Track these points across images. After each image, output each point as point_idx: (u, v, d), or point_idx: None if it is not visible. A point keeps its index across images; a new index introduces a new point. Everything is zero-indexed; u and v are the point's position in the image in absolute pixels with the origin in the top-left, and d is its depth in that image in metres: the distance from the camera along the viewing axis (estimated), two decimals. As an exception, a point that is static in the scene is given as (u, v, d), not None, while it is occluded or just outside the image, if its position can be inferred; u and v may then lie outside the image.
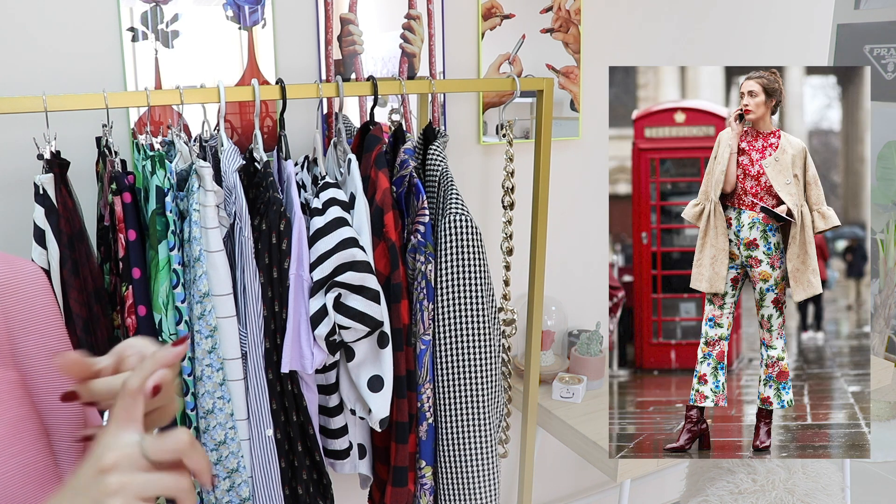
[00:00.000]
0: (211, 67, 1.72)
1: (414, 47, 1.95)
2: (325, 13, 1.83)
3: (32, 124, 1.59)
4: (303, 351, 1.52)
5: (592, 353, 2.18)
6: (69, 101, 1.36)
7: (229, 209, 1.47)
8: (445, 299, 1.62)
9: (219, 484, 1.49)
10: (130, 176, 1.41)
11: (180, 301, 1.43)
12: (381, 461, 1.74)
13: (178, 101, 1.43)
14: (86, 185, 1.66)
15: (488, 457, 1.68)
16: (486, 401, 1.67)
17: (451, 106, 2.06)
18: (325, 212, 1.51)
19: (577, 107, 2.25)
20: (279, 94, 1.51)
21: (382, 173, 1.58)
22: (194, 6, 1.68)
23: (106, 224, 1.48)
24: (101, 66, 1.63)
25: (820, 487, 2.01)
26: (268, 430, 1.52)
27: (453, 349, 1.64)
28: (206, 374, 1.44)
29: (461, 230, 1.59)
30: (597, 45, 2.25)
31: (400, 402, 1.64)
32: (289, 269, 1.50)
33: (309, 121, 1.87)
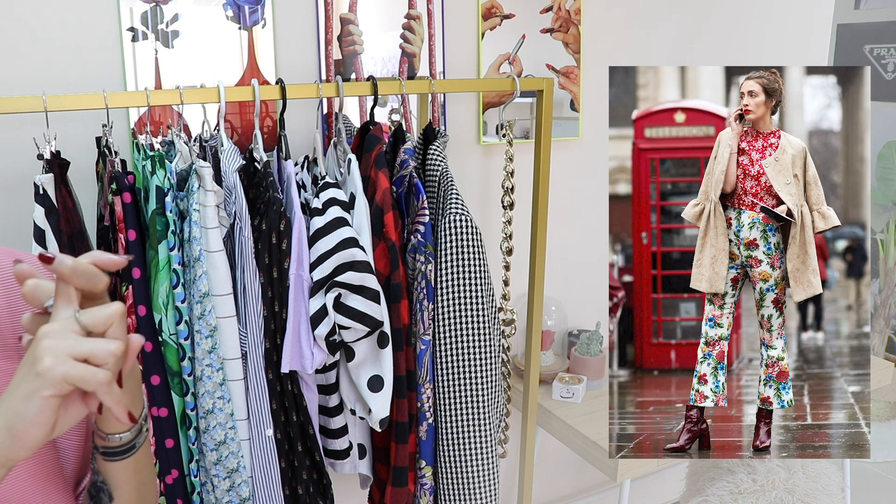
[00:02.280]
0: (211, 67, 1.72)
1: (414, 47, 1.95)
2: (325, 13, 1.83)
3: (32, 124, 1.59)
4: (303, 351, 1.52)
5: (592, 353, 2.18)
6: (69, 101, 1.36)
7: (229, 209, 1.47)
8: (445, 299, 1.62)
9: (219, 484, 1.49)
10: (130, 176, 1.41)
11: (180, 301, 1.43)
12: (381, 461, 1.74)
13: (178, 101, 1.43)
14: (86, 185, 1.66)
15: (488, 457, 1.68)
16: (486, 401, 1.67)
17: (451, 106, 2.06)
18: (325, 212, 1.51)
19: (577, 107, 2.25)
20: (279, 94, 1.51)
21: (382, 173, 1.58)
22: (194, 6, 1.68)
23: (106, 224, 1.48)
24: (101, 66, 1.63)
25: (820, 487, 2.01)
26: (268, 430, 1.52)
27: (453, 349, 1.64)
28: (206, 374, 1.44)
29: (461, 230, 1.59)
30: (597, 45, 2.25)
31: (400, 402, 1.64)
32: (289, 269, 1.50)
33: (309, 121, 1.87)
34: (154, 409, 1.45)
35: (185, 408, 1.47)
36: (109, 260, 0.66)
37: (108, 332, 0.64)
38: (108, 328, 0.64)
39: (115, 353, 0.62)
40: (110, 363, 0.62)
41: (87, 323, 0.63)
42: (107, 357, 0.62)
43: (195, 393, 1.46)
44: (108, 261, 0.66)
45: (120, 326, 0.64)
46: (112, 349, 0.62)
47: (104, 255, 0.66)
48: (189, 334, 1.45)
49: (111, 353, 0.62)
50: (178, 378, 1.46)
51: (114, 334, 0.64)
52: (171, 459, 1.48)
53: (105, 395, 0.62)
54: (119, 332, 0.64)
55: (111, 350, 0.62)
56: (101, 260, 0.66)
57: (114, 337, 0.64)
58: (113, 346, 0.62)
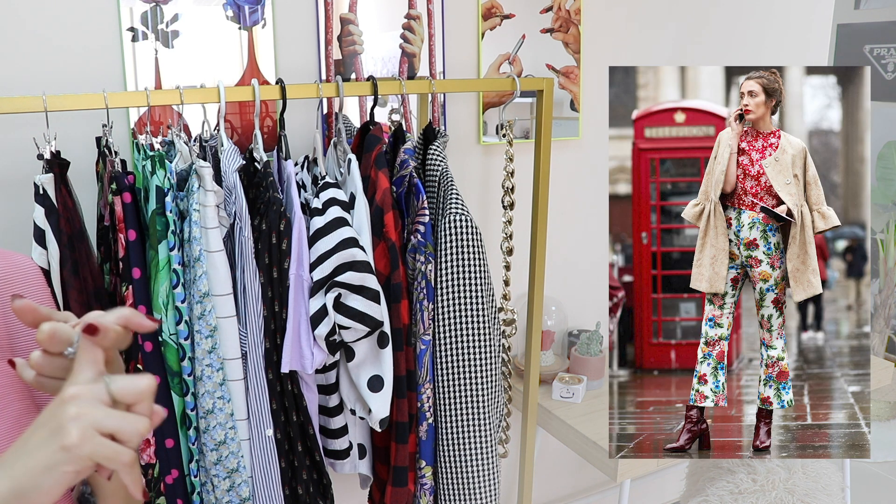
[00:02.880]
0: (211, 67, 1.72)
1: (414, 47, 1.95)
2: (325, 13, 1.83)
3: (32, 124, 1.59)
4: (303, 351, 1.52)
5: (592, 353, 2.18)
6: (69, 101, 1.36)
7: (229, 209, 1.47)
8: (445, 299, 1.62)
9: (219, 484, 1.49)
10: (130, 176, 1.41)
11: (180, 301, 1.43)
12: (381, 461, 1.74)
13: (178, 101, 1.43)
14: (86, 185, 1.66)
15: (488, 457, 1.68)
16: (486, 401, 1.67)
17: (451, 106, 2.06)
18: (325, 212, 1.51)
19: (577, 107, 2.25)
20: (279, 94, 1.51)
21: (382, 173, 1.58)
22: (194, 6, 1.68)
23: (106, 224, 1.48)
24: (101, 66, 1.63)
25: (820, 487, 2.01)
26: (268, 430, 1.52)
27: (453, 349, 1.64)
28: (206, 374, 1.44)
29: (461, 230, 1.59)
30: (597, 45, 2.25)
31: (400, 402, 1.64)
32: (289, 269, 1.50)
33: (309, 121, 1.87)
34: (154, 409, 1.45)
35: (185, 408, 1.47)
36: (140, 325, 0.63)
37: (136, 407, 0.60)
38: (138, 403, 0.61)
39: (143, 434, 0.59)
40: (135, 443, 0.59)
41: (118, 394, 0.59)
42: (133, 437, 0.58)
43: (195, 393, 1.46)
44: (139, 324, 0.63)
45: (149, 402, 0.61)
46: (140, 429, 0.59)
47: (137, 317, 0.63)
48: (189, 334, 1.45)
49: (139, 433, 0.59)
50: (178, 378, 1.46)
51: (141, 410, 0.61)
52: (171, 459, 1.48)
53: (126, 474, 0.59)
54: (147, 408, 0.61)
55: (139, 430, 0.59)
56: (134, 323, 0.63)
57: (141, 412, 0.61)
58: (142, 425, 0.59)
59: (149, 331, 0.63)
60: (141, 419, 0.59)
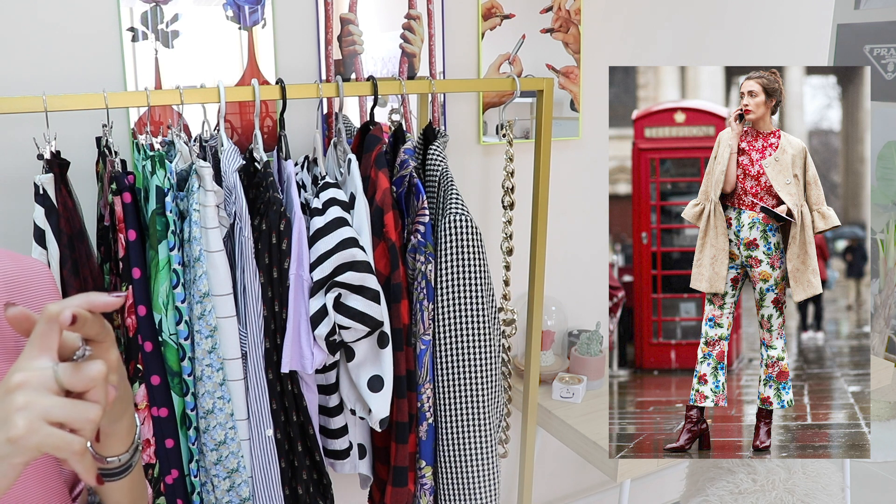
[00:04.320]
0: (211, 67, 1.72)
1: (414, 47, 1.95)
2: (325, 13, 1.83)
3: (32, 124, 1.59)
4: (303, 351, 1.52)
5: (592, 353, 2.18)
6: (69, 101, 1.36)
7: (229, 209, 1.47)
8: (445, 299, 1.62)
9: (219, 484, 1.49)
10: (130, 176, 1.41)
11: (180, 301, 1.43)
12: (381, 461, 1.74)
13: (178, 101, 1.43)
14: (86, 185, 1.66)
15: (488, 457, 1.68)
16: (486, 401, 1.67)
17: (451, 106, 2.06)
18: (325, 212, 1.51)
19: (577, 107, 2.24)
20: (279, 94, 1.51)
21: (382, 173, 1.58)
22: (194, 6, 1.68)
23: (106, 224, 1.48)
24: (101, 66, 1.63)
25: (820, 487, 2.01)
26: (268, 430, 1.52)
27: (453, 349, 1.64)
28: (206, 374, 1.44)
29: (461, 230, 1.59)
30: (597, 45, 2.25)
31: (400, 402, 1.64)
32: (289, 269, 1.50)
33: (309, 121, 1.87)
34: (154, 409, 1.45)
35: (185, 408, 1.47)
36: (103, 303, 0.61)
37: (88, 394, 0.58)
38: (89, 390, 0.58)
39: (94, 421, 0.57)
40: (87, 430, 0.57)
41: (67, 382, 0.57)
42: (84, 425, 0.57)
43: (195, 393, 1.46)
44: (101, 303, 0.61)
45: (101, 388, 0.59)
46: (91, 417, 0.57)
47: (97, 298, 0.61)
48: (189, 334, 1.45)
49: (90, 420, 0.57)
50: (178, 378, 1.46)
51: (93, 396, 0.58)
52: (171, 459, 1.48)
53: (76, 463, 0.57)
54: (100, 394, 0.59)
55: (90, 418, 0.57)
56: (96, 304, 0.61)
57: (93, 399, 0.58)
58: (92, 413, 0.57)
59: (114, 307, 0.61)
60: (92, 406, 0.58)
